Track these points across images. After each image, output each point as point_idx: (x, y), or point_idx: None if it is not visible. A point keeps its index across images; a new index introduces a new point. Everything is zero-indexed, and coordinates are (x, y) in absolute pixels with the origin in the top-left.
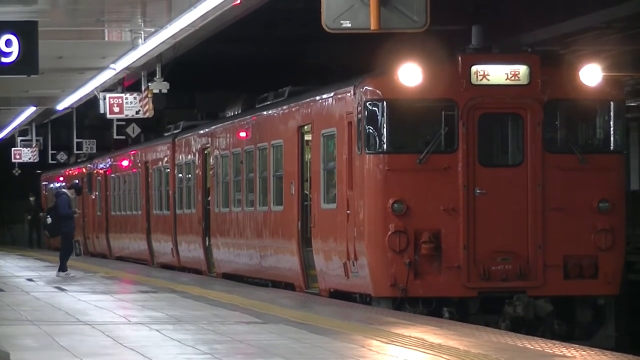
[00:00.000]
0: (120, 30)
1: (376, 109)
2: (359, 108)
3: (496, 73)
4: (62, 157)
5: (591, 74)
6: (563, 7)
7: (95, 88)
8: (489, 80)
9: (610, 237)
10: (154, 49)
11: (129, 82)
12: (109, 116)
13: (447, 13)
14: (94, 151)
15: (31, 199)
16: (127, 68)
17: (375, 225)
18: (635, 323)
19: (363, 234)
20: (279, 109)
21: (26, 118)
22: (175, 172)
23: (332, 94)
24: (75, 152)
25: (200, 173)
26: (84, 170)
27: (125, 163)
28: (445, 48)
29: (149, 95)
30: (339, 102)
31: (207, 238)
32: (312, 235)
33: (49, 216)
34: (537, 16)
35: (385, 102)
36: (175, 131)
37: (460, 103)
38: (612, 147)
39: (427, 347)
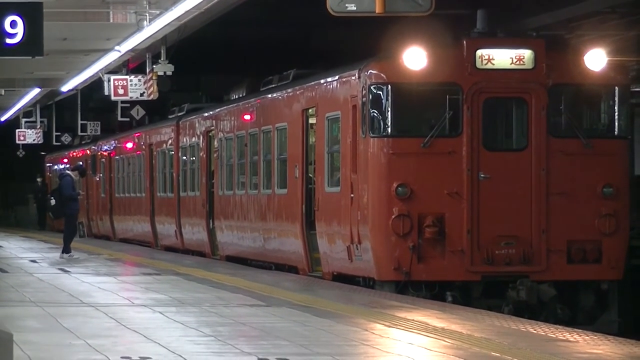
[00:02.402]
0: (125, 12)
1: (381, 93)
2: (364, 92)
3: (501, 57)
4: (66, 138)
5: (596, 59)
6: None
7: (100, 70)
8: (493, 64)
9: (614, 222)
10: (158, 31)
11: (133, 64)
12: (113, 98)
13: None
14: (98, 133)
15: (38, 179)
16: (131, 50)
17: (379, 208)
18: (638, 308)
19: (367, 217)
20: (284, 92)
21: (31, 99)
22: (180, 154)
23: (336, 77)
24: (79, 133)
25: (204, 156)
26: (88, 152)
27: (129, 145)
28: (450, 32)
29: (154, 78)
30: (344, 85)
31: (210, 221)
32: (315, 219)
33: (52, 198)
34: (541, 0)
35: (389, 86)
36: (180, 114)
37: (465, 87)
38: (616, 132)
39: (430, 331)
